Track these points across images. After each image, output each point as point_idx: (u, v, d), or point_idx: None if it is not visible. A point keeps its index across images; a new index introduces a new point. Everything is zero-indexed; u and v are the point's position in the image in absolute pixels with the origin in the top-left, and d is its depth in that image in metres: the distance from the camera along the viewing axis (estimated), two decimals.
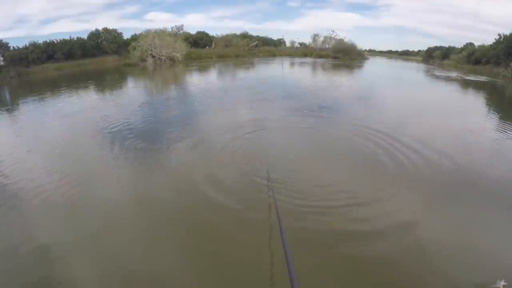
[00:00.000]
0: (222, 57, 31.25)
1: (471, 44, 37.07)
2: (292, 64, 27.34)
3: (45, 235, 3.16)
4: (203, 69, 22.55)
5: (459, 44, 40.34)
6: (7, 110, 11.75)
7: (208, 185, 4.03)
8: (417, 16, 75.95)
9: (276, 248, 2.73)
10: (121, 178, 4.40)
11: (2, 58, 35.66)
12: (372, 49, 61.19)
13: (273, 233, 2.99)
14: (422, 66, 35.70)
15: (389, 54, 62.86)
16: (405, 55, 59.08)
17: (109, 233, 3.18)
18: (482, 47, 32.19)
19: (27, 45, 34.82)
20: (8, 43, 35.51)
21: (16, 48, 35.18)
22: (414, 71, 27.85)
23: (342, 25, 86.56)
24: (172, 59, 27.16)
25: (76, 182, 4.34)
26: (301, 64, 27.06)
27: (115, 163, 5.05)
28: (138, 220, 3.40)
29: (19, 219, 3.52)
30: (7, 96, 17.21)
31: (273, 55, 37.63)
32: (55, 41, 34.31)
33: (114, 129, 6.83)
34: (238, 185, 4.01)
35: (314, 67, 24.86)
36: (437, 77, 21.33)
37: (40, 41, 34.95)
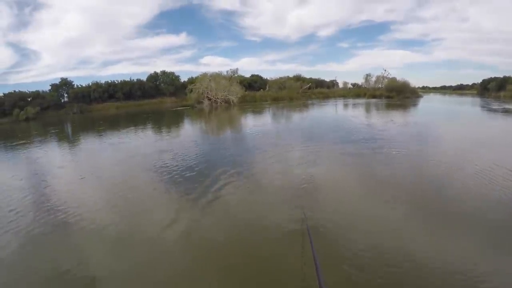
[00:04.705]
0: (276, 100, 31.81)
1: None
2: (346, 105, 27.17)
3: (94, 264, 3.36)
4: (258, 111, 22.87)
5: None
6: (68, 142, 12.99)
7: (256, 227, 4.05)
8: (469, 47, 75.07)
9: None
10: (171, 213, 4.54)
11: (66, 95, 39.53)
12: (425, 85, 60.04)
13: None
14: (477, 100, 33.87)
15: (443, 90, 60.88)
16: (459, 89, 56.72)
17: (155, 266, 3.29)
18: None
19: (90, 84, 38.12)
20: (72, 81, 38.96)
21: (79, 86, 38.61)
22: (470, 106, 26.32)
23: (393, 63, 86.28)
24: (227, 102, 28.22)
25: (127, 213, 4.64)
26: (355, 105, 26.78)
27: (166, 197, 5.25)
28: (184, 255, 3.50)
29: (69, 245, 3.78)
30: (69, 129, 18.92)
31: (327, 96, 37.59)
32: (116, 82, 37.29)
33: (168, 166, 7.09)
34: (285, 231, 3.86)
35: (368, 108, 24.44)
36: (495, 111, 20.05)
37: (102, 81, 38.25)
